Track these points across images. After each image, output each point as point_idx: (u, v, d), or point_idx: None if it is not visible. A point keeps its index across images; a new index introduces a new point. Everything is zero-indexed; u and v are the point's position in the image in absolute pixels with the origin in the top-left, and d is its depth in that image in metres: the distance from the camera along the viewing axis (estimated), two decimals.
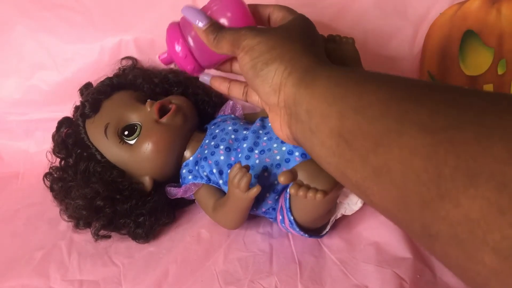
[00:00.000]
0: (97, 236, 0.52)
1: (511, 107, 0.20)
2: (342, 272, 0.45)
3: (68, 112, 0.58)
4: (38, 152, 0.66)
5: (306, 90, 0.30)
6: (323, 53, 0.36)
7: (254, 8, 0.40)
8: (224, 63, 0.43)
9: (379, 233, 0.49)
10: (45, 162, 0.57)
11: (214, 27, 0.37)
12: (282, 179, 0.41)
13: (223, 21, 0.38)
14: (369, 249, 0.48)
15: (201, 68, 0.42)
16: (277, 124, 0.35)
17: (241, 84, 0.42)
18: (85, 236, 0.54)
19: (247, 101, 0.42)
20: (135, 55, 0.63)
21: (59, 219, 0.56)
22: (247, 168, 0.45)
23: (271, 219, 0.53)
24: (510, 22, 0.55)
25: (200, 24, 0.37)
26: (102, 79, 0.58)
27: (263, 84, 0.33)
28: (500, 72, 0.56)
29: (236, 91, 0.42)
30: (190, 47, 0.40)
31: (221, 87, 0.43)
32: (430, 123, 0.22)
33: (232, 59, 0.43)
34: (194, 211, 0.56)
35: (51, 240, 0.54)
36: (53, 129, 0.57)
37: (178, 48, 0.40)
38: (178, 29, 0.40)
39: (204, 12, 0.38)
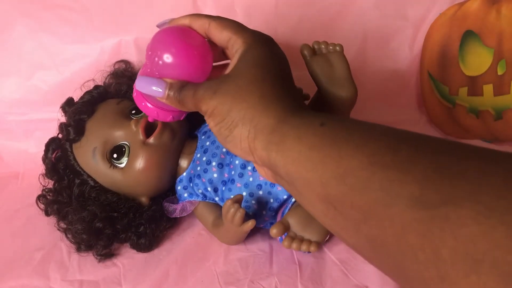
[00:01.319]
0: (101, 257, 0.50)
1: (509, 178, 0.18)
2: (342, 272, 0.45)
3: (62, 116, 0.58)
4: (38, 152, 0.66)
5: (278, 154, 0.28)
6: (290, 87, 0.32)
7: (208, 31, 0.35)
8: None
9: None
10: (40, 174, 0.57)
11: (173, 89, 0.34)
12: (274, 232, 0.41)
13: (174, 69, 0.34)
14: None
15: (183, 113, 0.39)
16: (263, 173, 0.33)
17: (205, 17, 0.36)
18: None
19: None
20: (135, 55, 0.63)
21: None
22: (239, 201, 0.44)
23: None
24: (510, 22, 0.55)
25: (160, 95, 0.34)
26: (88, 85, 0.57)
27: (235, 149, 0.31)
28: (500, 72, 0.56)
29: (200, 24, 0.36)
30: (158, 103, 0.37)
31: (181, 19, 0.36)
32: (420, 195, 0.20)
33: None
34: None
35: (51, 240, 0.53)
36: (53, 129, 0.57)
37: (147, 109, 0.38)
38: (140, 94, 0.38)
39: (153, 73, 0.35)
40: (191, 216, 0.56)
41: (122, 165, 0.50)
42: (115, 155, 0.50)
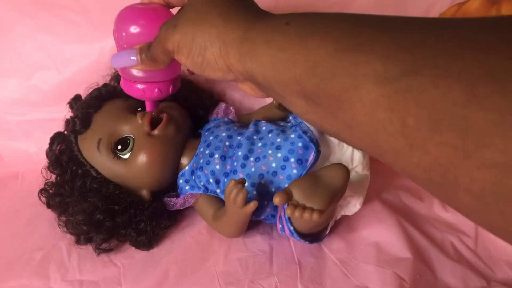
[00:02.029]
0: (99, 250, 0.51)
1: (466, 39, 0.19)
2: (342, 273, 0.45)
3: (68, 112, 0.58)
4: (38, 152, 0.66)
5: (252, 63, 0.28)
6: None
7: None
8: None
9: (379, 233, 0.50)
10: (44, 162, 0.57)
11: (143, 51, 0.36)
12: (277, 200, 0.41)
13: (138, 36, 0.37)
14: (369, 249, 0.48)
15: (168, 84, 0.41)
16: (247, 88, 0.34)
17: None
18: None
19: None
20: None
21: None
22: (243, 183, 0.44)
23: (270, 223, 0.53)
24: None
25: (134, 62, 0.36)
26: (92, 87, 0.58)
27: (214, 72, 0.31)
28: None
29: None
30: (139, 77, 0.39)
31: None
32: (384, 71, 0.21)
33: None
34: (194, 213, 0.56)
35: (51, 240, 0.53)
36: (53, 129, 0.57)
37: (132, 90, 0.40)
38: (124, 79, 0.41)
39: (122, 47, 0.38)
40: (191, 215, 0.56)
41: (126, 156, 0.51)
42: (119, 147, 0.51)
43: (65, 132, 0.56)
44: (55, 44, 0.63)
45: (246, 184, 0.48)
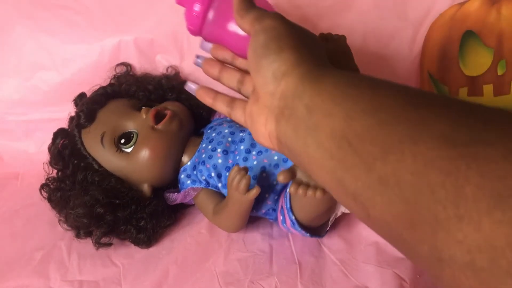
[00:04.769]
0: (99, 244, 0.51)
1: None
2: (342, 273, 0.45)
3: (68, 112, 0.58)
4: (38, 152, 0.66)
5: (311, 84, 0.28)
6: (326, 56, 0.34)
7: None
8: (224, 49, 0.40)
9: None
10: (44, 162, 0.57)
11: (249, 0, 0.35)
12: (281, 178, 0.41)
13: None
14: (369, 249, 0.48)
15: (201, 33, 0.38)
16: (263, 118, 0.32)
17: (226, 98, 0.39)
18: None
19: (230, 117, 0.39)
20: (135, 55, 0.63)
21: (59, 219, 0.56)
22: (246, 170, 0.44)
23: (271, 220, 0.53)
24: (510, 23, 0.55)
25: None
26: (95, 89, 0.58)
27: (268, 67, 0.31)
28: (500, 72, 0.56)
29: (220, 105, 0.39)
30: (210, 8, 0.37)
31: (206, 97, 0.40)
32: (451, 134, 0.20)
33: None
34: (194, 212, 0.56)
35: (51, 240, 0.54)
36: (53, 129, 0.57)
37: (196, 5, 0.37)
38: None
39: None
40: (191, 214, 0.56)
41: (129, 150, 0.52)
42: (122, 140, 0.52)
43: (69, 129, 0.56)
44: (55, 44, 0.63)
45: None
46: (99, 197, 0.49)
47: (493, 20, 0.55)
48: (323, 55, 0.32)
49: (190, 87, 0.41)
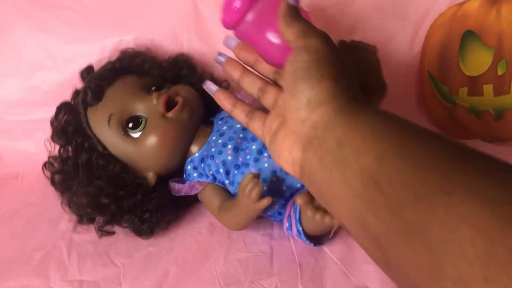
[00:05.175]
0: (101, 232, 0.51)
1: None
2: (343, 273, 0.45)
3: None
4: (38, 152, 0.66)
5: (345, 119, 0.27)
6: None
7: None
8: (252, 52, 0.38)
9: None
10: (44, 162, 0.57)
11: (297, 9, 0.33)
12: (299, 201, 0.40)
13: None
14: None
15: (235, 28, 0.37)
16: (288, 143, 0.31)
17: (245, 107, 0.38)
18: (85, 236, 0.54)
19: (247, 127, 0.38)
20: None
21: (59, 219, 0.56)
22: (258, 177, 0.44)
23: (274, 221, 0.53)
24: (510, 23, 0.55)
25: (292, 1, 0.33)
26: (102, 64, 0.56)
27: (304, 93, 0.30)
28: (500, 72, 0.56)
29: (239, 114, 0.38)
30: (251, 7, 0.35)
31: (225, 102, 0.38)
32: (487, 191, 0.19)
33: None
34: (194, 211, 0.56)
35: (51, 240, 0.53)
36: None
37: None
38: None
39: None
40: (191, 214, 0.56)
41: (136, 136, 0.50)
42: (130, 124, 0.50)
43: (73, 103, 0.54)
44: (55, 44, 0.63)
45: None
46: (104, 187, 0.48)
47: (493, 20, 0.55)
48: (357, 86, 0.32)
49: (210, 87, 0.39)
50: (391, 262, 0.22)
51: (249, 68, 0.39)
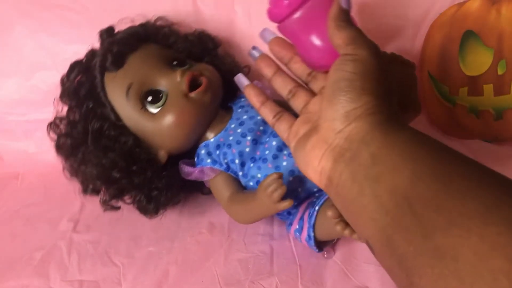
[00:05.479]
0: (106, 206, 0.49)
1: None
2: (343, 273, 0.45)
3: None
4: (38, 152, 0.66)
5: (381, 135, 0.27)
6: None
7: None
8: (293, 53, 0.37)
9: None
10: (45, 162, 0.57)
11: (349, 13, 0.33)
12: (330, 214, 0.40)
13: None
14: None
15: (280, 21, 0.36)
16: (319, 152, 0.30)
17: (275, 108, 0.37)
18: (85, 236, 0.54)
19: (272, 127, 0.37)
20: None
21: (59, 219, 0.56)
22: (281, 177, 0.42)
23: (281, 219, 0.52)
24: (510, 23, 0.55)
25: (344, 5, 0.33)
26: (126, 28, 0.52)
27: (344, 104, 0.29)
28: (500, 72, 0.56)
29: (267, 112, 0.37)
30: (302, 5, 0.34)
31: (254, 99, 0.38)
32: None
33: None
34: (194, 211, 0.56)
35: (51, 240, 0.53)
36: None
37: None
38: None
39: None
40: (191, 214, 0.56)
41: (154, 111, 0.47)
42: (149, 98, 0.47)
43: (88, 64, 0.50)
44: (55, 44, 0.63)
45: None
46: (117, 161, 0.47)
47: (493, 20, 0.55)
48: (396, 103, 0.31)
49: (241, 80, 0.38)
50: (415, 286, 0.22)
51: (281, 65, 0.38)
